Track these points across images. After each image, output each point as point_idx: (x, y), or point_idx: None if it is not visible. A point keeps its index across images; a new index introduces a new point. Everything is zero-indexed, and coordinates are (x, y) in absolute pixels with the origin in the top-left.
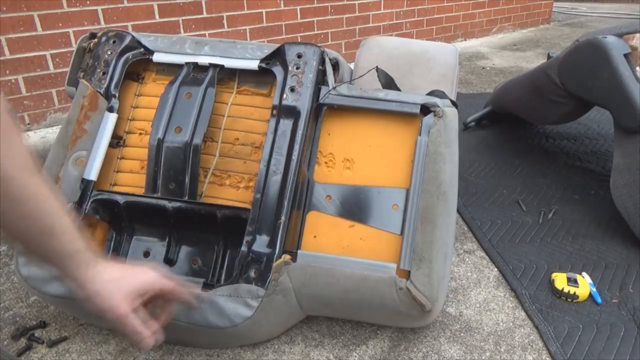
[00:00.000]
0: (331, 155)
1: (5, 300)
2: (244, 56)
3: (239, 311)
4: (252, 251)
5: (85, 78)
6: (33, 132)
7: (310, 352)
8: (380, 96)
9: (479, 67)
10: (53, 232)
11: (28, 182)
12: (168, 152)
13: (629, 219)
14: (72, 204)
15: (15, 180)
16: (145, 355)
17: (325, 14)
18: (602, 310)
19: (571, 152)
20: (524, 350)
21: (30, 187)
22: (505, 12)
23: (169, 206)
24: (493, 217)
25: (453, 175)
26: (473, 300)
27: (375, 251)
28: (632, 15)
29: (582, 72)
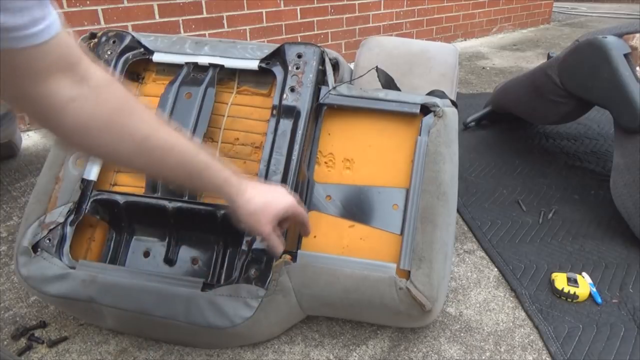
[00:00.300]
0: (331, 155)
1: (5, 300)
2: (244, 56)
3: (239, 311)
4: (252, 251)
5: None
6: (33, 132)
7: (310, 352)
8: (380, 96)
9: (479, 67)
10: (200, 170)
11: (164, 136)
12: None
13: (629, 219)
14: (72, 204)
15: (152, 138)
16: (145, 355)
17: (325, 14)
18: (602, 310)
19: (571, 152)
20: (524, 350)
21: (169, 140)
22: (505, 12)
23: (169, 206)
24: (493, 217)
25: (453, 175)
26: (473, 300)
27: (375, 251)
28: (632, 15)
29: (582, 72)
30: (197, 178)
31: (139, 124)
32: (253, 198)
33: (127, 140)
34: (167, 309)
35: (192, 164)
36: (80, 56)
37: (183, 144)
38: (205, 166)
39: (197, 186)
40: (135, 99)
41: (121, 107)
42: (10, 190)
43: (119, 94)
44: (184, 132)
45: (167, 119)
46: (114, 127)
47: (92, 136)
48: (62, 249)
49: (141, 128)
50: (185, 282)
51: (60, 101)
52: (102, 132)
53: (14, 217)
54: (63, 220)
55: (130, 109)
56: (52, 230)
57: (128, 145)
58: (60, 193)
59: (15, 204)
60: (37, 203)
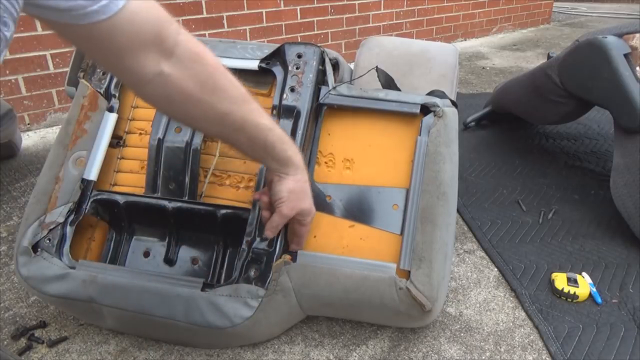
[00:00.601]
0: (331, 155)
1: (5, 300)
2: (243, 56)
3: (239, 311)
4: (252, 251)
5: (85, 78)
6: (33, 132)
7: (310, 352)
8: (380, 96)
9: (479, 67)
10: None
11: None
12: (168, 152)
13: (629, 219)
14: (72, 204)
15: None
16: (145, 355)
17: (325, 14)
18: (602, 310)
19: (571, 152)
20: (524, 350)
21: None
22: (505, 12)
23: (169, 206)
24: (493, 217)
25: (453, 175)
26: (473, 300)
27: (375, 251)
28: (632, 15)
29: (582, 72)
30: (262, 153)
31: (220, 102)
32: (298, 182)
33: (206, 115)
34: (167, 309)
35: (261, 142)
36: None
37: (257, 122)
38: (273, 145)
39: (259, 160)
40: (222, 73)
41: (204, 84)
42: (10, 190)
43: (205, 70)
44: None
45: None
46: (195, 102)
47: (173, 107)
48: (62, 249)
49: (221, 105)
50: (185, 282)
51: (146, 75)
52: (183, 105)
53: (14, 217)
54: (63, 220)
55: (213, 86)
56: (52, 230)
57: (206, 118)
58: (60, 193)
59: (15, 204)
60: (37, 203)
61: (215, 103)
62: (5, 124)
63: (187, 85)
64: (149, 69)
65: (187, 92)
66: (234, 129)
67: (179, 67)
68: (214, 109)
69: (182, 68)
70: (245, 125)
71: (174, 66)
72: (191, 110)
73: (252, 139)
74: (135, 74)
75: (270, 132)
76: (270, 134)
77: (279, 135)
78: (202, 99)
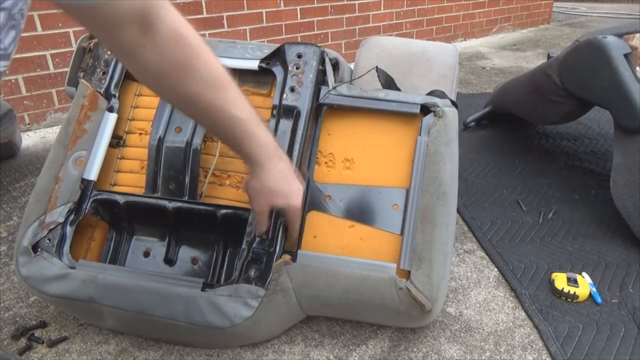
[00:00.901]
0: (331, 155)
1: (5, 300)
2: (243, 56)
3: (239, 311)
4: (252, 251)
5: (85, 78)
6: (33, 132)
7: (310, 352)
8: (380, 96)
9: (479, 67)
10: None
11: (213, 99)
12: (168, 152)
13: (629, 219)
14: (72, 204)
15: (202, 98)
16: (145, 355)
17: (325, 14)
18: (602, 310)
19: (571, 152)
20: (524, 350)
21: (216, 103)
22: (505, 12)
23: (169, 206)
24: (493, 217)
25: (453, 175)
26: (473, 300)
27: (375, 251)
28: (632, 15)
29: (582, 72)
30: (230, 144)
31: (192, 84)
32: (264, 182)
33: (179, 94)
34: (167, 309)
35: (228, 133)
36: (151, 8)
37: (226, 112)
38: (241, 139)
39: (230, 147)
40: (200, 56)
41: (179, 65)
42: (10, 190)
43: (182, 51)
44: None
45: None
46: (169, 81)
47: (151, 81)
48: (62, 249)
49: (191, 87)
50: (185, 282)
51: (129, 47)
52: (158, 81)
53: (14, 217)
54: (63, 220)
55: (188, 67)
56: (52, 230)
57: (178, 98)
58: (60, 193)
59: (15, 204)
60: (37, 203)
61: (185, 83)
62: (5, 124)
63: (161, 63)
64: (130, 41)
65: (161, 70)
66: (201, 112)
67: (157, 44)
68: (183, 89)
69: (159, 46)
70: (213, 112)
71: (152, 43)
72: (164, 89)
73: (219, 127)
74: (120, 45)
75: (240, 124)
76: (239, 126)
77: (249, 131)
78: (173, 79)
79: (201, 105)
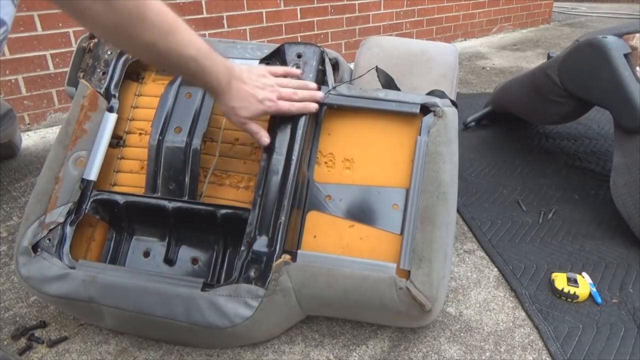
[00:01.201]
0: (331, 155)
1: (5, 300)
2: (243, 56)
3: (239, 311)
4: (252, 251)
5: (85, 78)
6: (33, 132)
7: (310, 352)
8: (380, 96)
9: (479, 67)
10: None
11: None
12: (168, 152)
13: (629, 219)
14: (72, 205)
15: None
16: (145, 355)
17: (325, 14)
18: (602, 310)
19: (571, 152)
20: (524, 350)
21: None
22: (505, 12)
23: (169, 206)
24: (493, 217)
25: (453, 175)
26: (473, 300)
27: (375, 251)
28: (632, 15)
29: (582, 72)
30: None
31: (144, 32)
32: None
33: (134, 44)
34: (167, 309)
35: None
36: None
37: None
38: (195, 75)
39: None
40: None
41: (129, 15)
42: (10, 190)
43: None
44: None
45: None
46: (122, 32)
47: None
48: (62, 249)
49: (145, 36)
50: (185, 282)
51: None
52: (113, 34)
53: (14, 217)
54: (63, 220)
55: (138, 17)
56: (52, 230)
57: (134, 47)
58: (60, 193)
59: (15, 204)
60: (37, 203)
61: (139, 34)
62: (5, 124)
63: (112, 16)
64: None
65: (113, 23)
66: (158, 58)
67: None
68: (139, 39)
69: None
70: (169, 56)
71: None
72: (120, 40)
73: (177, 68)
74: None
75: (192, 61)
76: (192, 63)
77: (201, 65)
78: (126, 29)
79: (157, 51)
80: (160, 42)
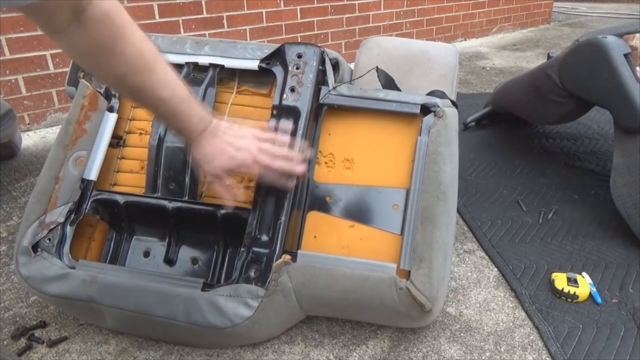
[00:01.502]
0: (331, 156)
1: (5, 300)
2: (244, 56)
3: (239, 311)
4: (252, 251)
5: (85, 78)
6: (33, 132)
7: (310, 352)
8: (380, 96)
9: (479, 67)
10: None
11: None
12: (168, 152)
13: (629, 219)
14: (72, 204)
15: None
16: (145, 355)
17: (325, 14)
18: (602, 310)
19: (571, 152)
20: (524, 350)
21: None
22: (505, 12)
23: (169, 206)
24: (493, 217)
25: (453, 175)
26: (473, 300)
27: (375, 251)
28: (632, 15)
29: (582, 72)
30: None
31: (117, 67)
32: (201, 149)
33: (106, 75)
34: (167, 309)
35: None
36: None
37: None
38: (166, 117)
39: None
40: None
41: (102, 46)
42: (10, 190)
43: (105, 33)
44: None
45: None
46: (93, 61)
47: (80, 61)
48: (62, 249)
49: (117, 70)
50: (185, 282)
51: (59, 28)
52: (85, 60)
53: (14, 217)
54: (63, 220)
55: (111, 49)
56: (52, 230)
57: (106, 78)
58: (60, 193)
59: (15, 204)
60: (37, 203)
61: (112, 66)
62: (5, 124)
63: (86, 43)
64: (61, 23)
65: (85, 49)
66: (128, 93)
67: (82, 26)
68: (110, 71)
69: (84, 28)
70: (138, 93)
71: (78, 24)
72: (92, 67)
73: (148, 107)
74: (49, 27)
75: (164, 104)
76: (163, 106)
77: (173, 110)
78: (99, 58)
79: (127, 86)
80: (130, 78)
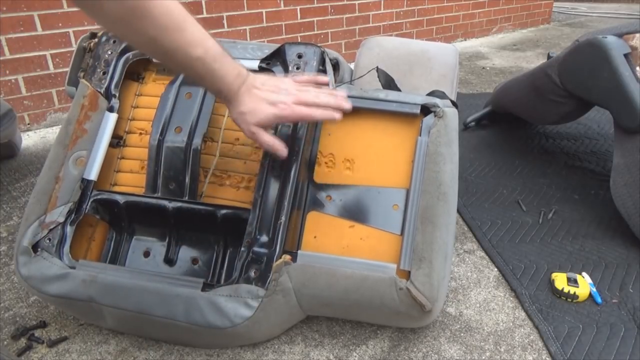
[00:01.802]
0: (331, 156)
1: (5, 300)
2: (244, 56)
3: (239, 311)
4: (252, 251)
5: (85, 78)
6: (33, 132)
7: (310, 352)
8: (380, 96)
9: (479, 67)
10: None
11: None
12: (168, 152)
13: (629, 219)
14: (72, 204)
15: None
16: (145, 355)
17: (325, 14)
18: (602, 310)
19: (571, 152)
20: (524, 350)
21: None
22: (505, 12)
23: (169, 206)
24: (493, 217)
25: (453, 176)
26: (473, 300)
27: (375, 251)
28: (632, 15)
29: (582, 72)
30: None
31: (147, 27)
32: (239, 106)
33: (138, 37)
34: (167, 309)
35: (190, 71)
36: None
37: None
38: (202, 77)
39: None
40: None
41: (134, 9)
42: (10, 190)
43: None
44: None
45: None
46: (127, 25)
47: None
48: (62, 249)
49: (149, 30)
50: (185, 282)
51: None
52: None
53: (14, 217)
54: (63, 220)
55: (142, 11)
56: (52, 230)
57: (139, 40)
58: (60, 193)
59: (15, 204)
60: (37, 203)
61: (143, 28)
62: (5, 124)
63: (119, 8)
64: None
65: (119, 15)
66: (163, 55)
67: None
68: (143, 34)
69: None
70: (173, 54)
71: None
72: (125, 33)
73: (184, 68)
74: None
75: (199, 63)
76: (198, 65)
77: (209, 68)
78: (130, 22)
79: (161, 48)
80: (164, 39)
